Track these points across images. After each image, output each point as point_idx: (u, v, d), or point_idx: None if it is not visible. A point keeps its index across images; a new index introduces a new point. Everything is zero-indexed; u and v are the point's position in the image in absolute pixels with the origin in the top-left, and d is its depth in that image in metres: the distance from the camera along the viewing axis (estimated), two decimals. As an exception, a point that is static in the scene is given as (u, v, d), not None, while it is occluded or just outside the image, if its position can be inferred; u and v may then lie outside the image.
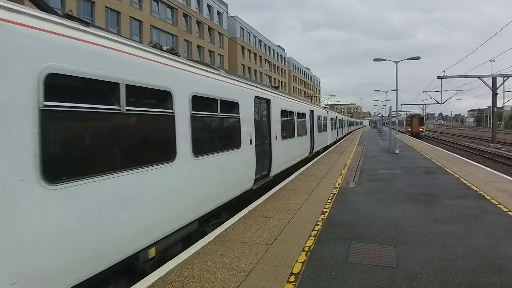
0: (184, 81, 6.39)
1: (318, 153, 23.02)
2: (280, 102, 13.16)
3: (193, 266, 5.27)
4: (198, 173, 6.69)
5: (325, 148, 27.18)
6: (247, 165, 9.35)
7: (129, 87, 4.82)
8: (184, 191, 6.22)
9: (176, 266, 5.24)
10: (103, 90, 4.52)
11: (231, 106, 8.53)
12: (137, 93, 5.08)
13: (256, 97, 10.31)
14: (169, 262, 5.43)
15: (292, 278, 4.78)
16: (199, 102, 6.74)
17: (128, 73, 4.86)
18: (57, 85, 3.84)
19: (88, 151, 4.33)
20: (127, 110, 4.78)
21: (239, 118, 8.83)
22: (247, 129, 9.32)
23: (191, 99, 6.47)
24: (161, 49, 6.34)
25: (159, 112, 5.70)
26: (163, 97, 5.79)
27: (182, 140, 6.15)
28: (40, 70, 3.63)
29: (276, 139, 12.07)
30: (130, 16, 38.95)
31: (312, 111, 20.73)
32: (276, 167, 12.10)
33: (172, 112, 5.91)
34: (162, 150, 5.79)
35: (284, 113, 13.53)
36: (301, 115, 17.08)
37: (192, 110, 6.49)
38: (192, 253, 5.76)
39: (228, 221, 7.60)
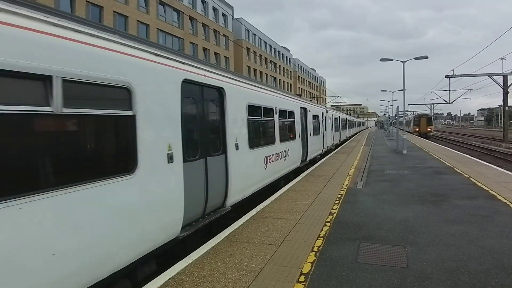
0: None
1: (314, 161, 19.31)
2: (243, 94, 8.98)
3: (204, 266, 5.28)
4: None
5: (322, 155, 22.51)
6: (162, 204, 5.40)
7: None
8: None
9: (186, 266, 5.26)
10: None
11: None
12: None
13: (185, 81, 6.17)
14: (179, 262, 5.45)
15: (302, 278, 4.77)
16: None
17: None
18: None
19: None
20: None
21: (133, 117, 4.88)
22: (157, 137, 5.33)
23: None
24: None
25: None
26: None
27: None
28: None
29: (237, 148, 8.19)
30: (137, 20, 39.23)
31: (304, 109, 16.87)
32: (236, 192, 8.13)
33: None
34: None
35: (254, 109, 9.76)
36: (286, 114, 13.25)
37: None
38: (202, 253, 5.78)
39: (237, 221, 7.62)
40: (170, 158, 5.52)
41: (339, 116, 34.80)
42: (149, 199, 5.05)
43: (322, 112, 22.59)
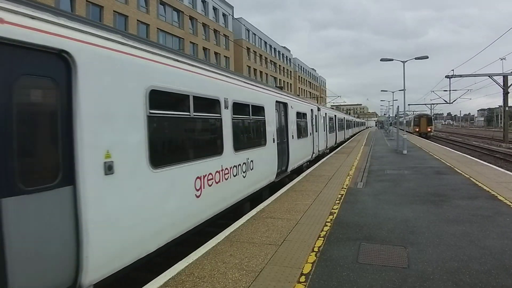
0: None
1: (300, 169, 15.78)
2: (132, 68, 5.09)
3: (204, 266, 5.26)
4: None
5: (312, 161, 18.88)
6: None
7: None
8: None
9: (186, 266, 5.24)
10: None
11: None
12: None
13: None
14: (179, 262, 5.43)
15: (303, 279, 4.75)
16: None
17: None
18: None
19: None
20: None
21: None
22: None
23: None
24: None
25: None
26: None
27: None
28: None
29: (108, 171, 4.44)
30: (138, 20, 39.23)
31: (283, 104, 12.98)
32: (131, 245, 4.88)
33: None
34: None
35: (167, 99, 5.97)
36: (249, 109, 9.50)
37: None
38: (202, 253, 5.76)
39: (237, 221, 7.59)
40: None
41: (335, 115, 31.24)
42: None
43: (312, 110, 19.24)
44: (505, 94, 37.98)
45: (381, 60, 26.65)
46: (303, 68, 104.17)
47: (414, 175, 13.54)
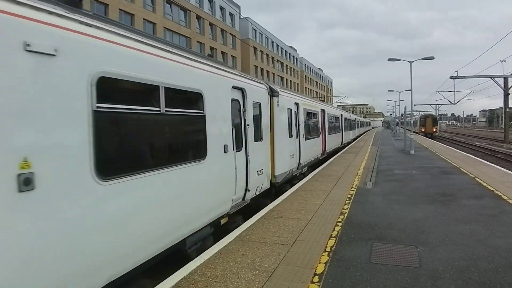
0: None
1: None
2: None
3: (216, 266, 5.32)
4: None
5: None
6: None
7: None
8: None
9: (198, 266, 5.30)
10: None
11: None
12: None
13: None
14: (191, 262, 5.48)
15: (316, 279, 4.80)
16: None
17: None
18: None
19: None
20: None
21: None
22: None
23: None
24: None
25: None
26: None
27: None
28: None
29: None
30: (144, 19, 39.41)
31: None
32: None
33: None
34: None
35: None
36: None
37: None
38: (214, 253, 5.82)
39: (248, 221, 7.66)
40: None
41: (328, 113, 21.85)
42: None
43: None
44: (506, 95, 38.11)
45: (389, 60, 26.75)
46: (310, 67, 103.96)
47: (422, 175, 13.61)
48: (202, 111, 6.28)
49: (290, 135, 12.25)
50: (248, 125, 8.42)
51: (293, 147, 12.64)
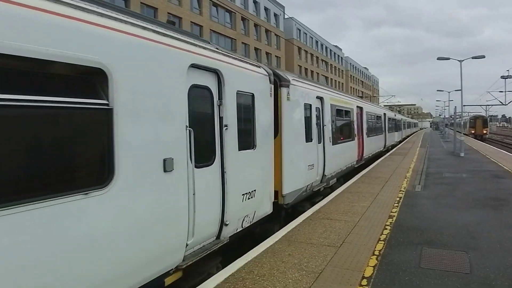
0: None
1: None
2: None
3: (263, 264, 5.36)
4: None
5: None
6: None
7: None
8: None
9: (246, 264, 5.36)
10: None
11: None
12: None
13: None
14: (238, 259, 5.55)
15: (364, 282, 4.71)
16: None
17: None
18: None
19: None
20: None
21: None
22: None
23: None
24: None
25: None
26: None
27: None
28: None
29: None
30: (191, 22, 40.38)
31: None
32: None
33: None
34: None
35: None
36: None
37: None
38: (261, 251, 5.86)
39: (293, 221, 7.64)
40: None
41: (368, 111, 18.48)
42: None
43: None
44: None
45: (438, 59, 25.71)
46: (355, 67, 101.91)
47: (473, 179, 13.17)
48: (104, 101, 3.60)
49: (309, 139, 9.40)
50: (226, 126, 5.62)
51: (313, 154, 9.67)
